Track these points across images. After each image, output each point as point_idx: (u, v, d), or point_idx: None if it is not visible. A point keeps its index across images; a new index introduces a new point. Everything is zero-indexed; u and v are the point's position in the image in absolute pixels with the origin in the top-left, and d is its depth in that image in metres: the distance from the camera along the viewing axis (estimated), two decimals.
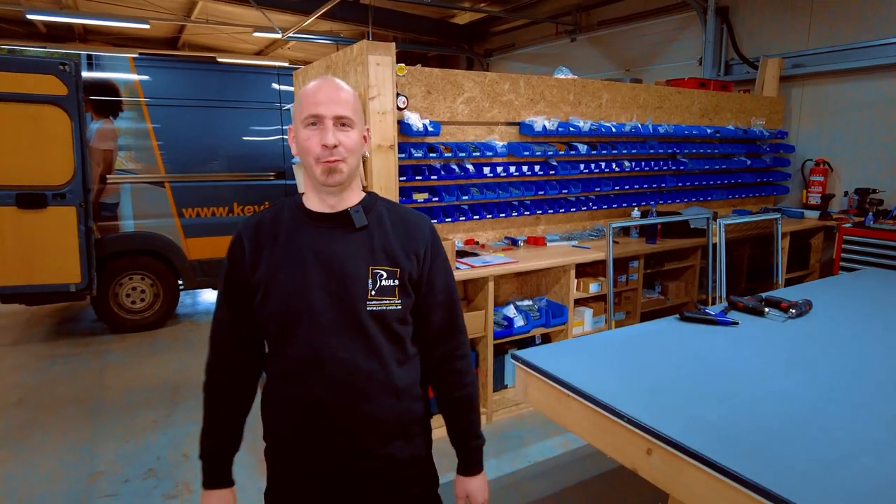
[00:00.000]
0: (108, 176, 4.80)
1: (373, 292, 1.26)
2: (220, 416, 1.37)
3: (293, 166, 4.25)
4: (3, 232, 4.35)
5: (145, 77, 4.92)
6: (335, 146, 1.21)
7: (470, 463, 1.41)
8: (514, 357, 1.88)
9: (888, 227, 4.52)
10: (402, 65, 3.15)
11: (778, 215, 4.56)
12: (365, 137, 1.32)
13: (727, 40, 6.14)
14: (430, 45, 10.79)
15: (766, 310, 2.29)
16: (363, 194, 1.35)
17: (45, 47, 11.74)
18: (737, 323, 2.16)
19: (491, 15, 8.94)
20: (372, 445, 1.30)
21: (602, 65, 7.82)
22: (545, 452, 3.15)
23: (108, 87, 4.80)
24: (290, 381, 1.29)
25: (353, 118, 1.25)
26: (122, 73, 4.88)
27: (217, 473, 1.37)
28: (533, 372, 1.78)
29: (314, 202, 1.31)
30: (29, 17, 8.27)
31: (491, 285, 3.31)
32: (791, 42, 5.67)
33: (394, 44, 2.93)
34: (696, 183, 4.91)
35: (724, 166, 5.01)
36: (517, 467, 3.01)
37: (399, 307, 1.28)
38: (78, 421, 3.52)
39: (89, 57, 4.76)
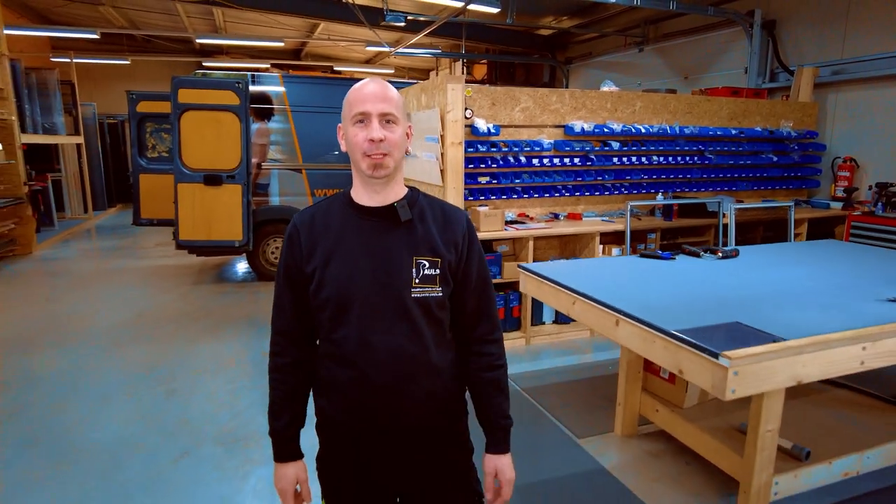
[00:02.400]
0: (262, 164, 6.54)
1: (417, 280, 1.34)
2: (286, 394, 1.47)
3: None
4: (193, 201, 6.16)
5: (289, 89, 6.60)
6: (381, 140, 1.30)
7: (497, 442, 1.48)
8: (520, 266, 3.17)
9: (893, 216, 5.25)
10: (469, 87, 4.49)
11: (791, 203, 5.44)
12: (408, 134, 1.39)
13: (772, 51, 6.92)
14: (516, 54, 12.03)
15: (702, 253, 3.40)
16: (406, 189, 1.44)
17: (199, 60, 14.20)
18: (674, 258, 3.32)
19: (565, 30, 10.04)
20: (414, 421, 1.40)
21: (665, 73, 8.73)
22: (563, 362, 4.39)
23: (264, 98, 6.53)
24: (341, 362, 1.37)
25: (398, 115, 1.33)
26: (274, 87, 6.59)
27: (287, 448, 1.47)
28: (524, 272, 3.07)
29: (362, 196, 1.39)
30: (198, 41, 10.38)
31: (531, 244, 4.58)
32: (829, 52, 6.38)
33: (464, 76, 4.28)
34: (722, 175, 5.85)
35: (749, 162, 5.90)
36: (542, 368, 4.26)
37: (440, 294, 1.37)
38: (246, 327, 5.18)
39: (252, 76, 6.50)
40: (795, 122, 6.21)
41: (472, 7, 7.32)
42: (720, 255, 3.37)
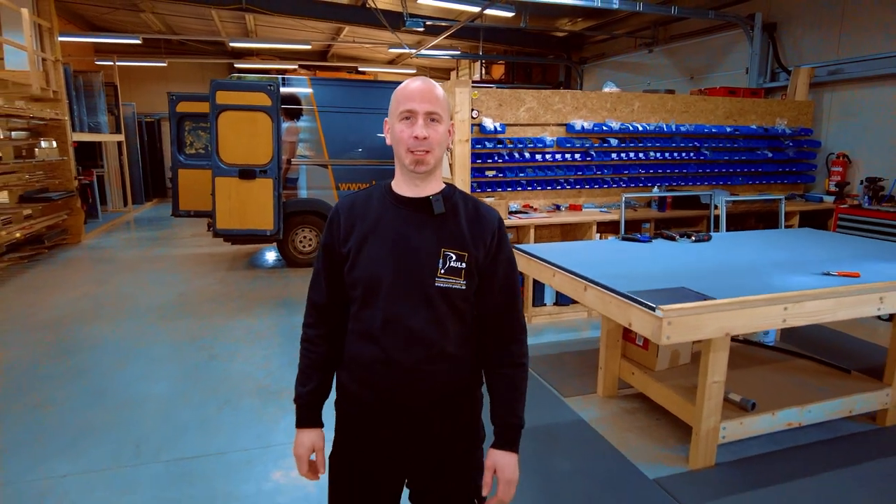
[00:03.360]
0: (291, 159, 7.12)
1: (442, 271, 1.40)
2: (314, 363, 1.54)
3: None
4: (230, 193, 6.76)
5: (316, 91, 7.16)
6: (425, 138, 1.36)
7: (503, 438, 1.50)
8: (516, 248, 3.65)
9: (877, 208, 5.59)
10: (476, 90, 4.97)
11: (781, 197, 5.82)
12: (450, 131, 1.46)
13: (772, 52, 7.25)
14: (532, 55, 12.45)
15: (677, 237, 3.84)
16: (443, 184, 1.49)
17: (231, 62, 14.89)
18: (650, 241, 3.76)
19: (578, 32, 10.43)
20: (428, 404, 1.45)
21: (673, 73, 9.08)
22: (560, 338, 4.85)
23: (294, 99, 7.10)
24: (367, 340, 1.44)
25: (442, 114, 1.40)
26: (302, 88, 7.16)
27: (308, 415, 1.54)
28: (518, 251, 3.55)
29: (402, 187, 1.46)
30: (231, 44, 11.03)
31: (532, 231, 5.06)
32: (825, 53, 6.71)
33: (470, 80, 4.75)
34: (718, 170, 6.23)
35: (744, 157, 6.27)
36: (540, 342, 4.74)
37: (464, 287, 1.42)
38: (277, 306, 5.75)
39: (283, 78, 7.07)
40: (791, 119, 6.55)
41: (487, 11, 7.79)
42: (693, 238, 3.80)
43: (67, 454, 3.08)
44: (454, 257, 1.41)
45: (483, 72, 14.74)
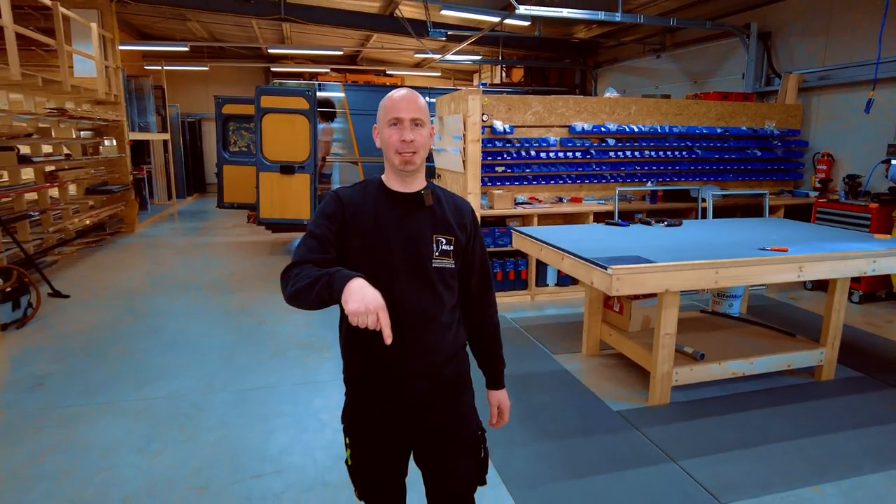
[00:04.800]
0: (326, 157, 7.96)
1: (437, 254, 1.62)
2: (311, 269, 1.47)
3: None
4: (272, 187, 7.63)
5: (349, 95, 8.00)
6: (412, 141, 1.56)
7: (496, 380, 1.89)
8: (513, 228, 4.39)
9: (850, 202, 6.18)
10: (486, 97, 5.72)
11: (765, 192, 6.44)
12: (431, 134, 1.64)
13: (767, 59, 7.84)
14: (549, 59, 13.13)
15: (652, 222, 4.54)
16: (425, 182, 1.69)
17: (267, 66, 15.85)
18: (628, 225, 4.47)
19: (588, 39, 11.08)
20: (432, 368, 1.67)
21: (679, 77, 9.69)
22: (559, 312, 5.58)
23: (328, 103, 7.94)
24: None
25: (424, 119, 1.59)
26: (336, 93, 8.00)
27: (346, 273, 1.40)
28: (516, 232, 4.30)
29: (393, 182, 1.66)
30: (270, 51, 11.95)
31: (536, 219, 5.80)
32: (815, 60, 7.27)
33: (481, 88, 5.50)
34: (710, 168, 6.86)
35: (734, 156, 6.89)
36: (541, 315, 5.47)
37: (453, 266, 1.66)
38: None
39: (319, 84, 7.93)
40: (780, 121, 7.14)
41: (506, 21, 8.52)
42: (666, 223, 4.50)
43: (156, 384, 3.94)
44: (444, 241, 1.64)
45: (503, 75, 15.47)
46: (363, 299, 1.33)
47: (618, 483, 2.84)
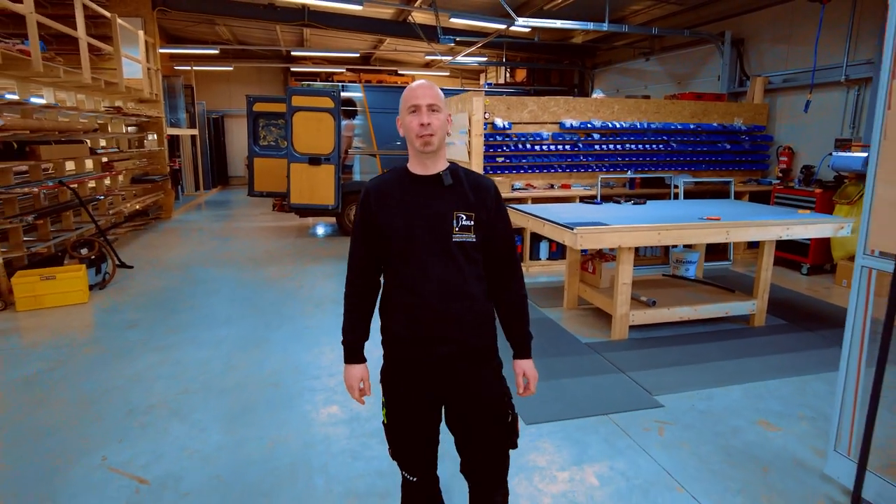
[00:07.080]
0: (348, 150, 9.01)
1: (457, 229, 1.76)
2: (356, 314, 1.91)
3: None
4: (301, 176, 8.69)
5: (368, 95, 9.04)
6: (429, 124, 1.72)
7: (523, 351, 1.96)
8: (508, 206, 5.43)
9: (802, 188, 7.16)
10: (488, 98, 6.75)
11: (730, 180, 7.44)
12: (448, 120, 1.80)
13: (739, 64, 8.82)
14: (550, 61, 14.14)
15: (621, 201, 5.56)
16: (448, 163, 1.85)
17: (287, 66, 16.89)
18: (601, 203, 5.49)
19: (584, 44, 12.06)
20: (457, 335, 1.81)
21: (665, 79, 10.68)
22: (548, 279, 6.62)
23: (350, 102, 8.99)
24: (405, 289, 1.81)
25: (441, 106, 1.75)
26: (357, 93, 9.05)
27: (355, 354, 1.93)
28: (510, 208, 5.34)
29: (416, 167, 1.83)
30: (293, 53, 13.01)
31: (530, 202, 6.82)
32: (778, 65, 8.24)
33: (485, 90, 6.53)
34: (684, 159, 7.86)
35: (705, 149, 7.88)
36: (533, 281, 6.51)
37: (474, 239, 1.79)
38: (339, 259, 7.64)
39: (342, 85, 8.97)
40: (748, 118, 8.13)
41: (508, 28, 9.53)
42: (633, 202, 5.52)
43: (226, 326, 5.02)
44: (464, 217, 1.77)
45: (507, 75, 16.49)
46: (346, 381, 1.94)
47: (579, 384, 3.88)
